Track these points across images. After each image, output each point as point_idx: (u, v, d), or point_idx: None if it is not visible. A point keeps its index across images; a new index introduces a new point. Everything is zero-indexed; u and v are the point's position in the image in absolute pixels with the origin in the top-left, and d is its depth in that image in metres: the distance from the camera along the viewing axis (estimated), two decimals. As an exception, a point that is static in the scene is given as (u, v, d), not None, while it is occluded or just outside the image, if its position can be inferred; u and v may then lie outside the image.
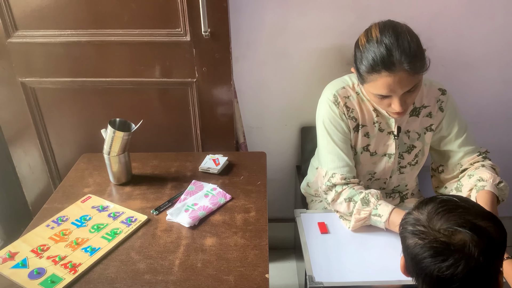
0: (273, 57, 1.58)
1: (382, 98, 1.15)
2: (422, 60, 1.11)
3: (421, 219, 0.78)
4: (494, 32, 1.53)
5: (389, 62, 1.07)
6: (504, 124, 1.73)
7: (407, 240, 0.79)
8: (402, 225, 0.83)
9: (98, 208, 1.22)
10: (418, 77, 1.12)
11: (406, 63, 1.07)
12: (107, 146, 1.28)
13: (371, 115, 1.28)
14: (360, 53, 1.15)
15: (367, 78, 1.13)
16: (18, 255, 1.05)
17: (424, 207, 0.80)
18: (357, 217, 1.19)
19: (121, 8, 1.36)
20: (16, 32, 1.41)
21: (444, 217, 0.76)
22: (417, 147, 1.33)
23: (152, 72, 1.47)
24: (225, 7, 1.35)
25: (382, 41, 1.09)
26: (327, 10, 1.48)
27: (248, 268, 1.01)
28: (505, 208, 1.93)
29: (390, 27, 1.11)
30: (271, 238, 1.13)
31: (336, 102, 1.26)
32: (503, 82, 1.64)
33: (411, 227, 0.79)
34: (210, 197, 1.25)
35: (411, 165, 1.36)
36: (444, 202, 0.79)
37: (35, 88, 1.51)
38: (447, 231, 0.74)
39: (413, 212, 0.82)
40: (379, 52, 1.08)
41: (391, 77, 1.09)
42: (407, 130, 1.30)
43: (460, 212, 0.76)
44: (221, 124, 1.56)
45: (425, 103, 1.29)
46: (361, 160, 1.33)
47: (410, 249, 0.78)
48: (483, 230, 0.73)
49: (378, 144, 1.31)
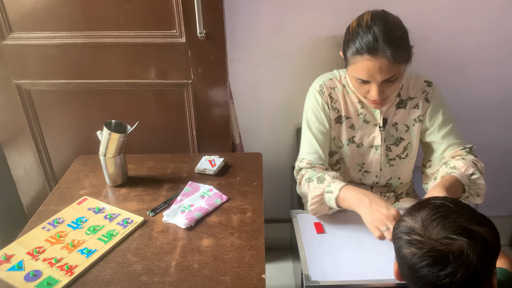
0: (269, 58, 1.59)
1: (362, 83, 1.19)
2: (405, 52, 1.15)
3: (416, 228, 0.77)
4: (488, 31, 1.54)
5: (373, 47, 1.12)
6: (498, 123, 1.74)
7: (403, 249, 0.78)
8: (395, 233, 0.81)
9: (94, 210, 1.22)
10: (399, 68, 1.15)
11: (389, 50, 1.11)
12: (102, 148, 1.28)
13: (356, 107, 1.32)
14: (349, 35, 1.20)
15: (351, 60, 1.18)
16: (14, 257, 1.05)
17: (417, 214, 0.79)
18: (312, 194, 1.21)
19: (116, 10, 1.36)
20: (11, 34, 1.41)
21: (439, 224, 0.75)
22: (405, 139, 1.35)
23: (148, 73, 1.47)
24: (221, 8, 1.35)
25: (371, 27, 1.13)
26: (322, 11, 1.49)
27: (245, 269, 1.01)
28: (501, 206, 1.95)
29: (382, 16, 1.16)
30: (268, 239, 1.13)
31: (321, 92, 1.32)
32: (496, 81, 1.65)
33: (406, 236, 0.78)
34: (207, 198, 1.25)
35: (400, 158, 1.38)
36: (438, 208, 0.78)
37: (30, 90, 1.51)
38: (444, 239, 0.73)
39: (405, 218, 0.80)
40: (366, 36, 1.13)
41: (372, 62, 1.13)
42: (394, 122, 1.33)
43: (455, 218, 0.76)
44: (217, 125, 1.56)
45: (411, 95, 1.32)
46: (349, 152, 1.36)
47: (406, 258, 0.76)
48: (479, 235, 0.73)
49: (363, 135, 1.34)
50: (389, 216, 1.06)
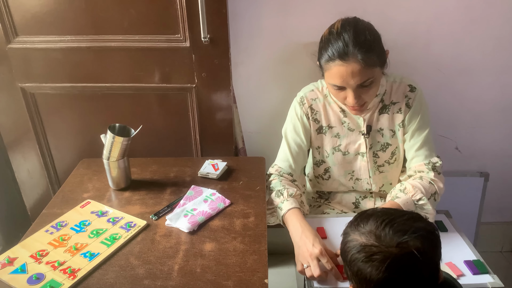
0: (272, 63, 1.59)
1: (338, 89, 1.21)
2: (377, 55, 1.16)
3: (369, 242, 0.76)
4: (491, 37, 1.54)
5: (343, 52, 1.14)
6: (500, 128, 1.74)
7: (365, 270, 0.75)
8: (347, 256, 0.78)
9: (97, 213, 1.22)
10: (373, 72, 1.16)
11: (359, 54, 1.13)
12: (106, 151, 1.28)
13: (338, 116, 1.34)
14: (321, 44, 1.22)
15: (325, 67, 1.20)
16: (17, 260, 1.05)
17: (363, 227, 0.78)
18: (269, 204, 1.29)
19: (121, 14, 1.37)
20: (16, 37, 1.42)
21: (391, 229, 0.75)
22: (392, 144, 1.36)
23: (152, 77, 1.47)
24: (225, 13, 1.35)
25: (341, 33, 1.16)
26: (326, 16, 1.49)
27: (247, 273, 1.01)
28: (503, 213, 1.94)
29: (352, 23, 1.19)
30: (270, 243, 1.13)
31: (301, 103, 1.36)
32: (500, 87, 1.65)
33: (363, 254, 0.75)
34: (209, 202, 1.25)
35: (389, 164, 1.38)
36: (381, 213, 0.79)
37: (34, 93, 1.52)
38: (401, 243, 0.74)
39: (352, 237, 0.78)
40: (336, 43, 1.16)
41: (343, 67, 1.14)
42: (379, 128, 1.34)
43: (399, 221, 0.77)
44: (220, 129, 1.57)
45: (394, 100, 1.32)
46: (335, 160, 1.38)
47: (371, 277, 0.74)
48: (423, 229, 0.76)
49: (349, 144, 1.36)
50: (312, 254, 1.10)
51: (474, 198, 1.83)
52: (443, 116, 1.68)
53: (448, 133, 1.69)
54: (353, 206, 1.46)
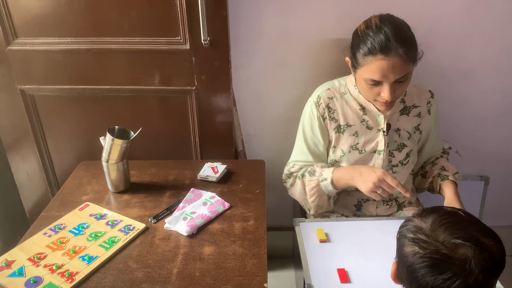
0: (273, 65, 1.59)
1: (373, 85, 1.19)
2: (416, 51, 1.18)
3: (423, 228, 0.76)
4: (492, 41, 1.54)
5: (386, 46, 1.13)
6: (501, 132, 1.74)
7: (405, 247, 0.77)
8: (401, 231, 0.80)
9: (96, 216, 1.22)
10: (410, 67, 1.18)
11: (402, 49, 1.13)
12: (105, 154, 1.28)
13: (358, 114, 1.33)
14: (358, 38, 1.20)
15: (362, 62, 1.18)
16: (15, 263, 1.04)
17: (427, 216, 0.78)
18: (308, 187, 1.29)
19: (121, 16, 1.37)
20: (16, 39, 1.42)
21: (448, 229, 0.74)
22: (408, 146, 1.37)
23: (152, 80, 1.47)
24: (225, 16, 1.35)
25: (381, 28, 1.15)
26: (326, 19, 1.49)
27: (247, 277, 1.00)
28: (505, 217, 1.94)
29: (389, 18, 1.19)
30: (270, 247, 1.13)
31: (318, 104, 1.34)
32: (500, 91, 1.64)
33: (411, 235, 0.77)
34: (209, 205, 1.25)
35: (403, 164, 1.38)
36: (449, 214, 0.77)
37: (34, 95, 1.51)
38: (450, 244, 0.72)
39: (414, 219, 0.80)
40: (378, 37, 1.15)
41: (385, 61, 1.14)
42: (397, 128, 1.34)
43: (464, 226, 0.75)
44: (220, 132, 1.56)
45: (416, 103, 1.34)
46: (350, 159, 1.36)
47: (407, 257, 0.75)
48: (486, 247, 0.72)
49: (367, 142, 1.35)
50: (379, 178, 1.17)
51: (474, 202, 1.83)
52: (444, 120, 1.67)
53: (449, 137, 1.69)
54: (354, 209, 1.45)
